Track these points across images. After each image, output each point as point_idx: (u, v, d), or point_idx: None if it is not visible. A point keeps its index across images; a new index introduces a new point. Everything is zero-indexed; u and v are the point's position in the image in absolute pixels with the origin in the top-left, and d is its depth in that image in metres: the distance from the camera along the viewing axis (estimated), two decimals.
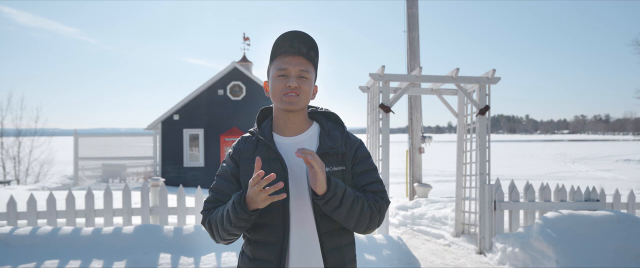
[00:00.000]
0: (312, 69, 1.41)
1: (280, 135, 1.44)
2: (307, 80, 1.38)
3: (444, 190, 11.91)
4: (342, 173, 1.40)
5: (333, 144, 1.40)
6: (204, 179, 13.93)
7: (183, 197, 4.63)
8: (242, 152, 1.43)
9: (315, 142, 1.43)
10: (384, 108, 4.93)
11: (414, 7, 8.61)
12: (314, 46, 1.40)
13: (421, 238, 5.87)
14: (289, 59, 1.37)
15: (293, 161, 1.38)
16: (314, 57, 1.41)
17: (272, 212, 1.34)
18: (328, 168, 1.37)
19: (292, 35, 1.37)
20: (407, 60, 8.56)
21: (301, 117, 1.44)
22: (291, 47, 1.37)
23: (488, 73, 5.11)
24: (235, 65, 14.44)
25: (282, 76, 1.37)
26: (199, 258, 3.75)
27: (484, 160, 5.06)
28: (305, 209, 1.36)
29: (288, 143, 1.42)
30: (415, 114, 8.60)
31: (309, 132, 1.45)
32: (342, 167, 1.40)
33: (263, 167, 1.35)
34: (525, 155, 36.05)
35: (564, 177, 18.25)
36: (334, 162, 1.39)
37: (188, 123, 14.44)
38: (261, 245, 1.37)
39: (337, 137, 1.43)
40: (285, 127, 1.44)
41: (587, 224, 4.24)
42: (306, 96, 1.39)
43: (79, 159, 14.49)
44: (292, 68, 1.36)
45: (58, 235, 3.92)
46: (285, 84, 1.36)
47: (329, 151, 1.39)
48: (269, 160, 1.37)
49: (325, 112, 1.53)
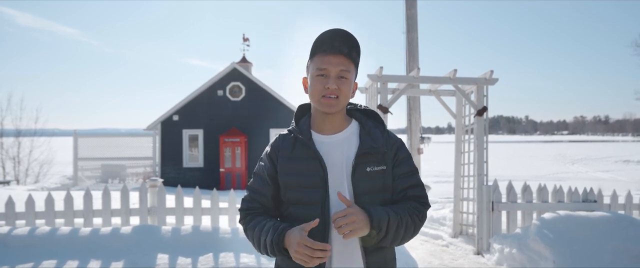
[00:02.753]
0: (353, 69, 1.37)
1: (319, 133, 1.41)
2: (347, 81, 1.35)
3: (442, 190, 11.92)
4: (383, 173, 1.38)
5: (374, 144, 1.38)
6: (203, 180, 13.92)
7: (181, 198, 4.63)
8: (281, 151, 1.40)
9: (355, 141, 1.40)
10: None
11: (413, 8, 8.63)
12: (356, 46, 1.36)
13: (419, 239, 5.88)
14: (329, 59, 1.33)
15: (332, 160, 1.36)
16: (356, 57, 1.37)
17: (311, 212, 1.33)
18: (368, 168, 1.35)
19: (333, 34, 1.33)
20: (406, 62, 8.57)
21: (340, 116, 1.42)
22: (332, 46, 1.33)
23: (486, 74, 5.12)
24: (235, 65, 14.45)
25: (322, 76, 1.34)
26: (196, 259, 3.76)
27: (481, 161, 5.07)
28: (342, 206, 1.33)
29: (326, 141, 1.39)
30: (414, 114, 8.61)
31: (348, 131, 1.42)
32: (383, 166, 1.38)
33: (302, 166, 1.36)
34: (524, 156, 36.06)
35: (563, 177, 18.26)
36: (374, 161, 1.37)
37: (187, 123, 14.44)
38: None
39: (377, 136, 1.40)
40: (324, 125, 1.41)
41: (584, 225, 4.25)
42: (345, 97, 1.36)
43: (79, 160, 14.50)
44: (333, 68, 1.33)
45: (56, 236, 3.92)
46: (324, 85, 1.33)
47: (370, 151, 1.36)
48: (308, 159, 1.36)
49: (364, 110, 1.50)
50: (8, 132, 18.28)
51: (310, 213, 1.33)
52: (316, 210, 1.33)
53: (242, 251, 3.88)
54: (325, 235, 1.33)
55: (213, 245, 3.94)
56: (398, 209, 1.35)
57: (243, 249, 3.89)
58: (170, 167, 14.30)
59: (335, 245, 1.34)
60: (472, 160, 5.32)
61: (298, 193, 1.36)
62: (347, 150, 1.38)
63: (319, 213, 1.33)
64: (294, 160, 1.38)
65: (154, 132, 14.68)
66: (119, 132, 36.17)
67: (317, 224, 1.26)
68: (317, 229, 1.32)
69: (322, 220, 1.32)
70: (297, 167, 1.37)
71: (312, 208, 1.34)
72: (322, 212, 1.33)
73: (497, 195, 4.89)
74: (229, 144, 13.87)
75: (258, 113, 14.44)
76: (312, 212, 1.33)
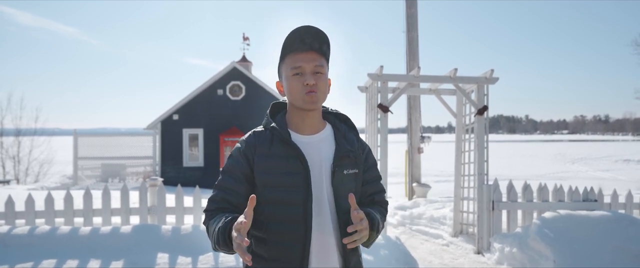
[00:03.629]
0: (325, 64, 1.37)
1: (296, 133, 1.38)
2: (323, 76, 1.35)
3: (443, 190, 11.91)
4: (355, 176, 1.40)
5: (351, 147, 1.40)
6: (203, 179, 13.91)
7: (181, 197, 4.63)
8: (257, 148, 1.35)
9: (331, 143, 1.40)
10: (383, 108, 4.94)
11: (413, 7, 8.62)
12: (326, 39, 1.35)
13: (419, 238, 5.88)
14: (302, 56, 1.32)
15: (311, 160, 1.34)
16: (326, 51, 1.37)
17: (292, 212, 1.31)
18: (345, 171, 1.37)
19: (302, 31, 1.32)
20: (406, 61, 8.56)
21: (318, 116, 1.41)
22: (302, 43, 1.32)
23: (486, 73, 5.11)
24: (235, 65, 14.45)
25: (298, 74, 1.32)
26: (197, 258, 3.75)
27: (482, 160, 5.07)
28: (324, 209, 1.34)
29: (305, 141, 1.37)
30: (414, 113, 8.60)
31: (325, 132, 1.42)
32: (355, 169, 1.40)
33: (282, 164, 1.33)
34: (524, 156, 36.05)
35: (564, 177, 18.25)
36: (349, 164, 1.38)
37: (187, 123, 14.43)
38: (281, 246, 1.32)
39: (353, 140, 1.43)
40: (303, 125, 1.39)
41: (584, 224, 4.25)
42: (323, 92, 1.35)
43: (79, 159, 14.49)
44: (307, 65, 1.32)
45: (56, 235, 3.92)
46: (302, 82, 1.31)
47: (348, 154, 1.38)
48: (288, 158, 1.33)
49: (336, 113, 1.51)
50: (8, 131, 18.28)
51: (292, 214, 1.30)
52: (298, 211, 1.30)
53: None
54: (307, 237, 1.31)
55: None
56: (378, 213, 1.41)
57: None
58: (171, 166, 14.30)
59: (315, 245, 1.33)
60: (472, 160, 5.31)
61: (278, 192, 1.32)
62: (325, 152, 1.37)
63: (301, 214, 1.30)
64: (272, 158, 1.33)
65: (154, 132, 14.67)
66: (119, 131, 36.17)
67: (254, 203, 1.17)
68: (299, 229, 1.31)
69: (304, 220, 1.30)
70: (276, 165, 1.33)
71: (293, 208, 1.31)
72: (304, 213, 1.31)
73: (497, 194, 4.88)
74: (229, 143, 13.86)
75: (258, 112, 14.42)
76: (293, 212, 1.30)
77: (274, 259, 1.33)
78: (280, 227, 1.32)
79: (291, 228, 1.31)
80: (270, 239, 1.33)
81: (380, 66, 4.95)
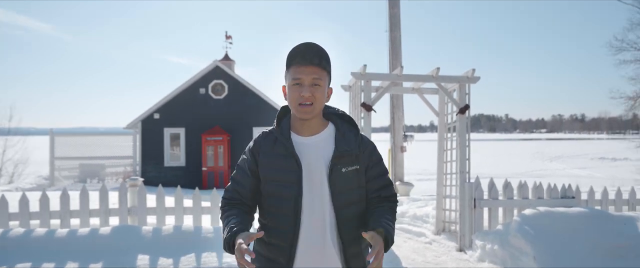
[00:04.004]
0: (324, 76, 1.52)
1: (298, 135, 1.55)
2: (320, 87, 1.50)
3: (425, 188, 12.03)
4: (356, 172, 1.53)
5: (348, 147, 1.53)
6: (185, 179, 13.71)
7: (162, 197, 4.54)
8: (262, 147, 1.55)
9: (331, 143, 1.54)
10: (366, 107, 4.95)
11: (396, 7, 8.67)
12: (325, 56, 1.52)
13: (403, 236, 5.92)
14: (302, 69, 1.48)
15: (309, 160, 1.51)
16: (326, 66, 1.53)
17: (284, 205, 1.49)
18: (343, 169, 1.50)
19: (304, 48, 1.49)
20: (389, 60, 8.61)
21: (317, 120, 1.56)
22: (304, 58, 1.48)
23: (468, 72, 5.17)
24: (217, 63, 14.28)
25: (297, 85, 1.48)
26: (178, 259, 3.69)
27: (464, 159, 5.13)
28: (317, 204, 1.49)
29: (304, 142, 1.54)
30: (397, 112, 8.66)
31: (325, 133, 1.57)
32: (356, 166, 1.53)
33: (279, 164, 1.51)
34: (504, 154, 36.76)
35: (542, 174, 18.69)
36: (348, 162, 1.52)
37: (169, 122, 14.21)
38: (276, 232, 1.50)
39: (351, 139, 1.55)
40: (302, 128, 1.56)
41: (563, 221, 4.34)
42: (320, 102, 1.51)
43: (55, 159, 14.10)
44: (306, 77, 1.47)
45: (31, 237, 3.79)
46: (299, 93, 1.47)
47: (344, 153, 1.51)
48: (286, 157, 1.50)
49: (340, 114, 1.64)
50: None
51: (285, 206, 1.49)
52: (289, 204, 1.48)
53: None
54: (296, 228, 1.47)
55: (195, 245, 3.88)
56: (389, 217, 1.52)
57: None
58: (151, 166, 14.05)
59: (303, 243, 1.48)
60: (454, 158, 5.37)
61: (275, 186, 1.51)
62: (324, 152, 1.53)
63: (291, 207, 1.48)
64: (273, 157, 1.53)
65: (135, 131, 14.39)
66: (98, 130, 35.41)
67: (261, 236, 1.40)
68: (289, 221, 1.48)
69: (294, 214, 1.47)
70: (275, 163, 1.52)
71: (286, 201, 1.49)
72: (294, 206, 1.48)
73: (479, 192, 4.95)
74: (211, 143, 13.70)
75: (241, 111, 14.30)
76: (286, 204, 1.49)
77: (270, 244, 1.52)
78: (276, 216, 1.51)
79: (284, 218, 1.49)
80: (269, 225, 1.53)
81: (363, 65, 4.96)
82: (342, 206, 1.49)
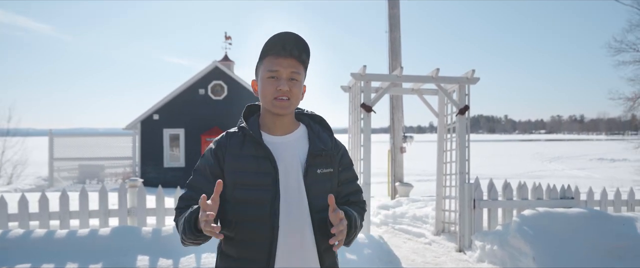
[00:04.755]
0: (302, 71, 1.39)
1: (269, 134, 1.41)
2: (298, 83, 1.37)
3: (425, 189, 12.03)
4: (330, 175, 1.42)
5: (324, 146, 1.42)
6: (184, 180, 13.67)
7: (162, 198, 4.54)
8: (228, 148, 1.39)
9: (304, 143, 1.42)
10: (366, 108, 4.95)
11: (396, 7, 8.68)
12: (306, 49, 1.38)
13: (402, 237, 5.92)
14: (280, 61, 1.34)
15: (283, 160, 1.37)
16: (306, 60, 1.39)
17: (259, 211, 1.32)
18: (319, 170, 1.38)
19: (284, 37, 1.35)
20: (389, 61, 8.62)
21: (290, 118, 1.44)
22: (283, 49, 1.34)
23: (467, 73, 5.18)
24: (217, 64, 14.28)
25: (273, 78, 1.35)
26: (178, 260, 3.69)
27: (463, 159, 5.13)
28: (294, 209, 1.34)
29: (277, 142, 1.40)
30: (397, 113, 8.67)
31: (298, 133, 1.45)
32: (330, 169, 1.42)
33: (252, 165, 1.35)
34: (504, 155, 36.79)
35: (541, 175, 18.70)
36: (323, 164, 1.40)
37: (168, 123, 14.20)
38: (248, 244, 1.33)
39: (326, 139, 1.45)
40: (274, 126, 1.42)
41: (562, 221, 4.35)
42: (296, 99, 1.38)
43: (54, 160, 14.08)
44: (284, 70, 1.34)
45: (30, 238, 3.79)
46: (276, 87, 1.34)
47: (320, 153, 1.40)
48: (258, 158, 1.35)
49: (311, 114, 1.54)
50: None
51: (259, 213, 1.32)
52: (265, 210, 1.32)
53: None
54: (274, 236, 1.31)
55: (195, 246, 3.88)
56: (355, 212, 1.42)
57: None
58: (151, 167, 14.04)
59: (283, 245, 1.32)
60: (454, 159, 5.37)
61: (247, 191, 1.34)
62: (298, 152, 1.40)
63: (268, 212, 1.32)
64: (243, 159, 1.36)
65: (134, 132, 14.38)
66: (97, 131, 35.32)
67: (221, 187, 1.21)
68: (265, 229, 1.32)
69: (271, 220, 1.32)
70: (246, 165, 1.35)
71: (260, 207, 1.32)
72: (270, 211, 1.32)
73: (478, 192, 4.95)
74: (210, 144, 13.71)
75: (240, 112, 14.22)
76: (260, 211, 1.32)
77: (242, 258, 1.34)
78: (248, 225, 1.33)
79: (258, 227, 1.32)
80: (238, 238, 1.34)
81: (363, 66, 4.96)
82: (317, 210, 1.36)
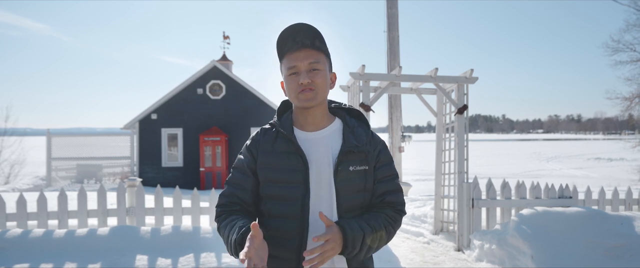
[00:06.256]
0: (323, 58, 1.34)
1: (301, 130, 1.38)
2: (320, 72, 1.32)
3: (423, 188, 12.06)
4: (365, 173, 1.36)
5: (357, 142, 1.36)
6: (182, 179, 13.70)
7: (161, 198, 4.54)
8: (261, 144, 1.38)
9: (338, 139, 1.38)
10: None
11: (394, 7, 8.69)
12: (318, 34, 1.33)
13: (401, 236, 5.93)
14: (295, 55, 1.31)
15: (314, 157, 1.34)
16: (321, 46, 1.34)
17: (290, 208, 1.31)
18: (351, 167, 1.33)
19: (292, 30, 1.32)
20: (387, 60, 8.62)
21: (321, 112, 1.39)
22: (294, 42, 1.31)
23: (466, 73, 5.19)
24: (215, 63, 14.26)
25: (294, 74, 1.32)
26: (177, 260, 3.68)
27: (462, 159, 5.14)
28: (324, 205, 1.32)
29: (309, 138, 1.37)
30: (395, 113, 8.68)
31: (331, 128, 1.40)
32: (365, 166, 1.36)
33: (283, 161, 1.33)
34: (502, 154, 36.88)
35: (539, 175, 18.75)
36: (356, 161, 1.35)
37: (166, 122, 14.18)
38: (279, 241, 1.31)
39: (361, 135, 1.39)
40: (305, 122, 1.39)
41: (560, 220, 4.36)
42: (322, 88, 1.33)
43: (52, 159, 14.04)
44: (301, 63, 1.31)
45: (28, 238, 3.78)
46: (297, 82, 1.31)
47: (353, 149, 1.34)
48: (289, 154, 1.33)
49: (348, 108, 1.49)
50: None
51: (290, 210, 1.31)
52: (295, 207, 1.30)
53: (224, 251, 3.82)
54: (304, 233, 1.30)
55: (194, 246, 3.87)
56: (374, 222, 1.32)
57: (225, 249, 3.83)
58: (149, 166, 14.02)
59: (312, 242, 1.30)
60: (452, 158, 5.38)
61: (277, 188, 1.33)
62: (330, 148, 1.36)
63: (298, 209, 1.30)
64: (274, 155, 1.35)
65: (132, 131, 14.35)
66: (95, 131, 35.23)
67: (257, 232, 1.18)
68: (295, 228, 1.30)
69: (301, 217, 1.30)
70: (277, 161, 1.34)
71: (291, 204, 1.31)
72: (301, 209, 1.30)
73: (477, 192, 4.96)
74: (209, 143, 13.68)
75: (239, 112, 14.30)
76: (291, 208, 1.31)
77: (271, 255, 1.31)
78: (278, 222, 1.32)
79: (289, 224, 1.31)
80: (268, 234, 1.32)
81: (362, 65, 4.97)
82: (346, 210, 1.33)
